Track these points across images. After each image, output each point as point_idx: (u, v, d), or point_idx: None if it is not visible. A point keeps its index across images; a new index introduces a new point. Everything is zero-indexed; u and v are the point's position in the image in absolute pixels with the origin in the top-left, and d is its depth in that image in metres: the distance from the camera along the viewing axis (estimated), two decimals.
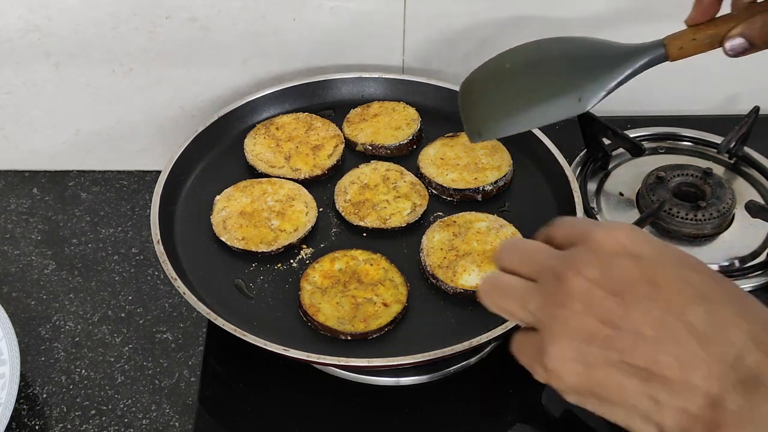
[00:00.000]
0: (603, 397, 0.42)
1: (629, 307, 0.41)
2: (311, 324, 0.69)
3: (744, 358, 0.39)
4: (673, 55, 0.65)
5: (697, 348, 0.40)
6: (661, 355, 0.40)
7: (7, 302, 0.80)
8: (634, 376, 0.41)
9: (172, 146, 0.83)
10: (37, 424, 0.70)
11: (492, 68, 0.72)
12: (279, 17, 0.88)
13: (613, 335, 0.41)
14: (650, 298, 0.41)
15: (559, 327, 0.42)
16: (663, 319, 0.40)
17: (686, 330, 0.40)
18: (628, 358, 0.40)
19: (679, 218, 0.83)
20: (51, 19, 0.84)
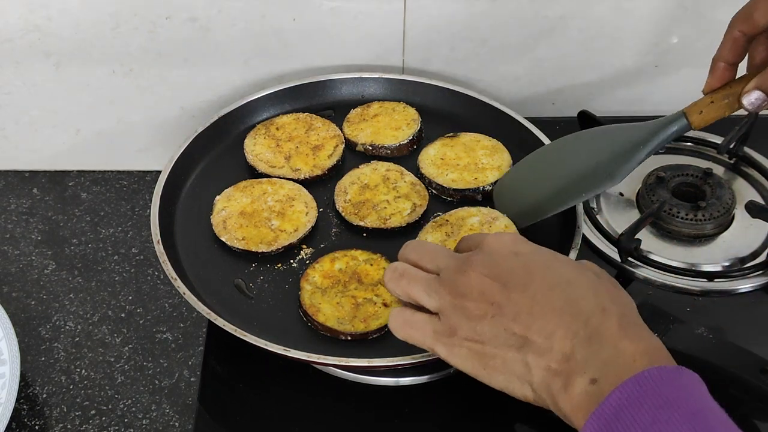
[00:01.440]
0: (490, 367, 0.53)
1: (510, 291, 0.53)
2: (311, 324, 0.69)
3: (590, 320, 0.50)
4: (695, 122, 0.68)
5: (557, 318, 0.51)
6: (533, 325, 0.51)
7: (7, 302, 0.80)
8: (513, 347, 0.52)
9: (172, 146, 0.83)
10: (37, 424, 0.70)
11: (523, 168, 0.79)
12: (279, 17, 0.88)
13: (498, 312, 0.52)
14: (525, 283, 0.53)
15: (462, 312, 0.54)
16: (534, 298, 0.52)
17: (550, 306, 0.52)
18: (510, 328, 0.52)
19: (679, 218, 0.83)
20: (51, 19, 0.84)
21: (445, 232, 0.75)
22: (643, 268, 0.80)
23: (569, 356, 0.50)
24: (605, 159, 0.70)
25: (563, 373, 0.50)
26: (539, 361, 0.51)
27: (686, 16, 0.92)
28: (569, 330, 0.50)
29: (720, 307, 0.78)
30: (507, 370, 0.52)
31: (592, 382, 0.48)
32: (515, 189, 0.78)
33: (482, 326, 0.53)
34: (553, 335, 0.51)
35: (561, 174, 0.73)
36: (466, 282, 0.54)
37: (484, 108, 0.89)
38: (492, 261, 0.55)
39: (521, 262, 0.55)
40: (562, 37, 0.93)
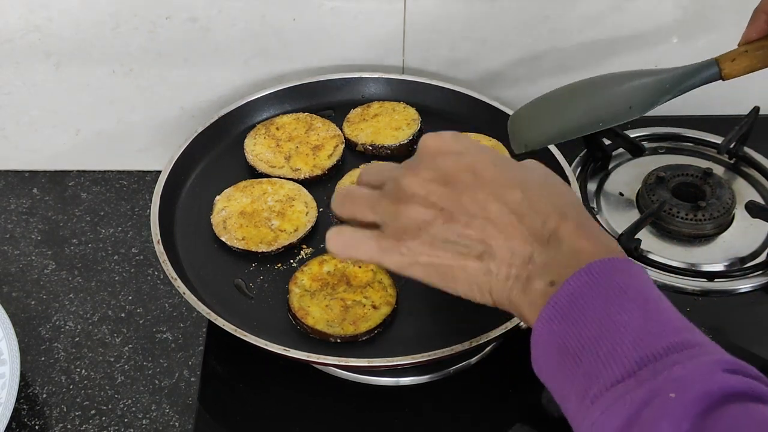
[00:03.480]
0: (448, 277, 0.51)
1: (459, 194, 0.50)
2: (300, 327, 0.69)
3: (547, 223, 0.49)
4: (726, 69, 0.66)
5: (515, 222, 0.49)
6: (488, 229, 0.49)
7: (7, 302, 0.80)
8: (472, 256, 0.50)
9: (172, 146, 0.83)
10: (37, 424, 0.70)
11: (543, 97, 0.77)
12: (279, 17, 0.88)
13: (449, 217, 0.50)
14: (474, 185, 0.50)
15: (407, 218, 0.51)
16: (487, 201, 0.50)
17: (507, 209, 0.50)
18: (465, 234, 0.50)
19: (679, 218, 0.83)
20: (51, 20, 0.84)
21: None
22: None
23: (528, 260, 0.49)
24: (629, 94, 0.68)
25: (522, 277, 0.49)
26: (501, 268, 0.49)
27: (686, 16, 0.92)
28: (528, 233, 0.49)
29: (720, 307, 0.78)
30: (468, 279, 0.51)
31: (550, 284, 0.48)
32: (533, 115, 0.76)
33: (432, 232, 0.50)
34: (511, 238, 0.49)
35: (582, 104, 0.72)
36: (408, 186, 0.52)
37: (484, 108, 0.89)
38: (434, 164, 0.52)
39: (466, 163, 0.52)
40: (562, 37, 0.93)
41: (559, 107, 0.74)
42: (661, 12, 0.92)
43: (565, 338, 0.45)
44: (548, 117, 0.74)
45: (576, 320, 0.45)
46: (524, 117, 0.77)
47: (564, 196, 0.52)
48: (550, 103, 0.76)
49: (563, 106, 0.74)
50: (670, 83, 0.66)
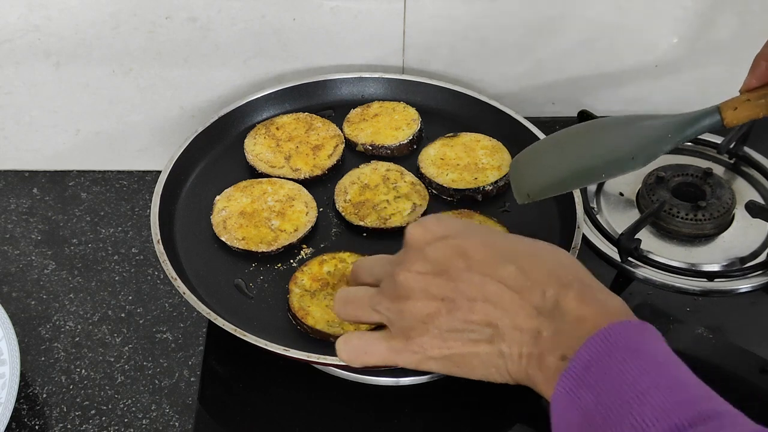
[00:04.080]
0: (464, 365, 0.52)
1: (456, 281, 0.50)
2: (301, 327, 0.69)
3: (547, 293, 0.49)
4: (728, 118, 0.64)
5: (515, 297, 0.49)
6: (491, 311, 0.49)
7: (7, 302, 0.80)
8: (483, 341, 0.50)
9: (172, 146, 0.83)
10: (37, 424, 0.70)
11: (544, 142, 0.77)
12: (279, 17, 0.88)
13: (451, 306, 0.50)
14: (467, 268, 0.50)
15: (411, 315, 0.51)
16: (483, 282, 0.50)
17: (503, 286, 0.49)
18: (470, 320, 0.50)
19: (679, 218, 0.83)
20: (51, 19, 0.84)
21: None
22: (643, 268, 0.80)
23: (537, 335, 0.49)
24: (631, 144, 0.67)
25: (535, 354, 0.49)
26: (513, 348, 0.49)
27: (686, 16, 0.92)
28: (531, 307, 0.49)
29: (720, 307, 0.78)
30: (484, 364, 0.51)
31: (561, 359, 0.47)
32: (534, 163, 0.75)
33: (439, 324, 0.51)
34: (516, 316, 0.49)
35: (584, 154, 0.71)
36: (404, 282, 0.52)
37: (484, 108, 0.89)
38: (423, 254, 0.53)
39: (453, 246, 0.52)
40: (562, 37, 0.93)
41: (560, 156, 0.73)
42: (661, 12, 0.92)
43: (585, 412, 0.44)
44: (549, 166, 0.73)
45: (592, 392, 0.44)
46: (525, 164, 0.76)
47: (557, 260, 0.52)
48: (551, 151, 0.75)
49: (564, 154, 0.73)
50: (672, 132, 0.65)
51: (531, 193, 0.72)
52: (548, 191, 0.72)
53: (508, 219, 0.78)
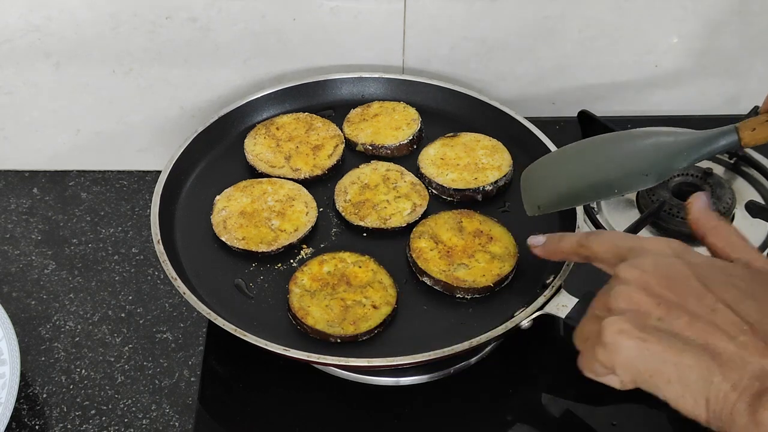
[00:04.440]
0: (657, 373, 0.47)
1: (683, 296, 0.47)
2: (300, 327, 0.69)
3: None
4: (745, 138, 0.63)
5: (748, 335, 0.45)
6: (716, 334, 0.45)
7: (7, 302, 0.80)
8: (690, 353, 0.45)
9: (172, 146, 0.83)
10: (37, 424, 0.70)
11: (556, 154, 0.76)
12: (279, 17, 0.88)
13: (668, 313, 0.47)
14: (702, 293, 0.47)
15: (614, 305, 0.49)
16: (716, 307, 0.46)
17: (739, 319, 0.45)
18: (683, 332, 0.46)
19: (679, 218, 0.83)
20: (51, 19, 0.84)
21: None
22: None
23: (761, 374, 0.43)
24: (646, 160, 0.66)
25: (752, 391, 0.43)
26: (727, 373, 0.44)
27: (686, 16, 0.92)
28: (764, 345, 0.44)
29: None
30: (681, 380, 0.46)
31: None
32: (546, 175, 0.74)
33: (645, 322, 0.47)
34: (744, 348, 0.44)
35: (597, 168, 0.69)
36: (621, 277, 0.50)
37: (484, 108, 0.89)
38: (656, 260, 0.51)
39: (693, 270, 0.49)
40: (562, 37, 0.93)
41: (572, 169, 0.71)
42: (661, 12, 0.92)
43: None
44: (561, 179, 0.72)
45: None
46: (537, 176, 0.75)
47: None
48: (563, 163, 0.74)
49: (577, 168, 0.71)
50: (688, 150, 0.64)
51: (542, 206, 0.72)
52: (559, 204, 0.71)
53: (508, 219, 0.78)
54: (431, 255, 0.73)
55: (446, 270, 0.72)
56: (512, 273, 0.73)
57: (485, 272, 0.72)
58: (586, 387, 0.55)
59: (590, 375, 0.53)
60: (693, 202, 0.59)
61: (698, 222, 0.58)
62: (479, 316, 0.70)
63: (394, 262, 0.74)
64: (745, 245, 0.55)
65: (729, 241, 0.56)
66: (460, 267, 0.73)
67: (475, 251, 0.74)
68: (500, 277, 0.72)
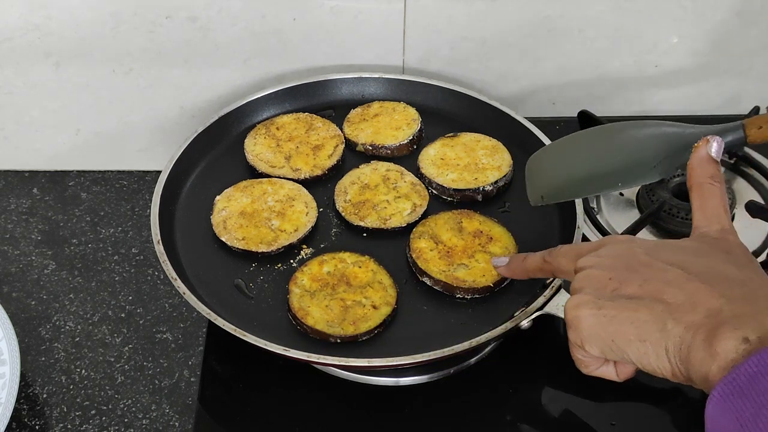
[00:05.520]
0: (618, 336, 0.49)
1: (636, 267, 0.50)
2: (300, 327, 0.69)
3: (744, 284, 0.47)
4: (751, 135, 0.63)
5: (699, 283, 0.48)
6: (668, 289, 0.48)
7: (7, 302, 0.80)
8: (644, 308, 0.48)
9: (172, 146, 0.83)
10: (37, 424, 0.70)
11: (563, 144, 0.74)
12: (279, 17, 0.88)
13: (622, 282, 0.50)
14: (653, 261, 0.50)
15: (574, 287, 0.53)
16: (666, 268, 0.49)
17: (689, 273, 0.48)
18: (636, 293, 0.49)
19: (679, 218, 0.83)
20: (51, 19, 0.84)
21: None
22: None
23: (716, 312, 0.45)
24: (651, 154, 0.65)
25: (706, 327, 0.44)
26: (679, 317, 0.46)
27: (686, 16, 0.92)
28: (714, 290, 0.46)
29: None
30: (638, 334, 0.48)
31: (743, 341, 0.42)
32: (552, 164, 0.73)
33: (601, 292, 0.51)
34: (695, 294, 0.47)
35: (602, 158, 0.69)
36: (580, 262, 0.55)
37: (484, 108, 0.89)
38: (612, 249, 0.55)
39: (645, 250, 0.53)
40: (562, 37, 0.93)
41: (577, 158, 0.71)
42: (661, 12, 0.92)
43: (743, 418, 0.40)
44: (566, 167, 0.71)
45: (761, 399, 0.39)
46: (542, 164, 0.74)
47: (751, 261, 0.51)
48: (569, 152, 0.73)
49: (582, 157, 0.70)
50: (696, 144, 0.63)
51: (545, 196, 0.71)
52: (563, 194, 0.70)
53: (508, 219, 0.78)
54: (431, 255, 0.73)
55: (446, 270, 0.72)
56: None
57: (485, 272, 0.72)
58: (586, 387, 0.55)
59: (582, 368, 0.56)
60: (699, 147, 0.59)
61: (692, 171, 0.59)
62: (479, 316, 0.70)
63: (394, 262, 0.74)
64: (720, 214, 0.56)
65: (707, 205, 0.56)
66: (460, 267, 0.73)
67: (475, 251, 0.74)
68: (500, 277, 0.72)
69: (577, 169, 0.70)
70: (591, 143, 0.71)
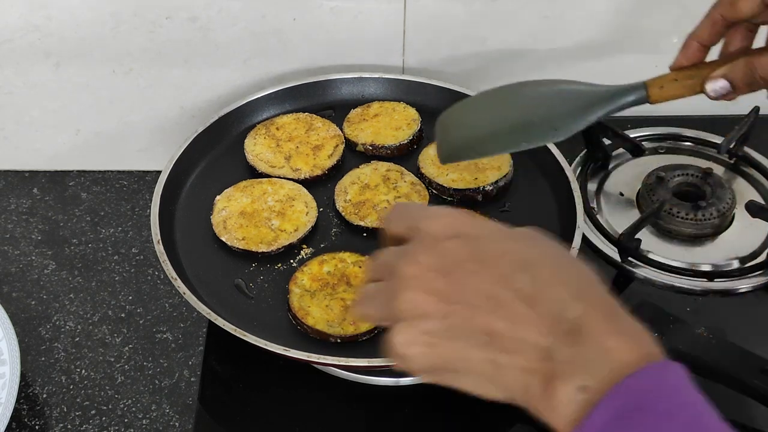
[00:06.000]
0: (451, 370, 0.46)
1: (461, 284, 0.45)
2: (300, 327, 0.69)
3: (566, 311, 0.43)
4: (653, 95, 0.64)
5: (526, 309, 0.43)
6: (496, 320, 0.44)
7: (7, 302, 0.80)
8: (475, 346, 0.44)
9: (172, 146, 0.83)
10: (38, 424, 0.70)
11: (471, 102, 0.73)
12: (279, 17, 0.88)
13: (450, 310, 0.45)
14: (478, 272, 0.45)
15: (400, 314, 0.46)
16: (493, 289, 0.44)
17: (515, 295, 0.44)
18: (466, 327, 0.44)
19: (679, 218, 0.83)
20: (51, 19, 0.84)
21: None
22: (643, 268, 0.80)
23: (547, 355, 0.43)
24: (554, 113, 0.65)
25: (541, 373, 0.43)
26: (511, 359, 0.44)
27: (686, 15, 0.92)
28: (542, 322, 0.43)
29: (720, 307, 0.78)
30: (473, 371, 0.45)
31: (581, 390, 0.41)
32: (458, 123, 0.71)
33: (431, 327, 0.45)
34: (526, 329, 0.43)
35: (508, 117, 0.67)
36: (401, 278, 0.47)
37: None
38: (432, 249, 0.47)
39: (468, 247, 0.47)
40: (561, 37, 0.93)
41: (484, 117, 0.69)
42: (662, 12, 0.92)
43: None
44: (472, 128, 0.69)
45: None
46: (449, 123, 0.71)
47: (583, 276, 0.46)
48: (475, 111, 0.71)
49: (488, 116, 0.69)
50: (597, 103, 0.64)
51: (453, 154, 0.69)
52: (471, 153, 0.69)
53: (508, 219, 0.78)
54: None
55: None
56: None
57: None
58: None
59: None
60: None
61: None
62: None
63: None
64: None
65: None
66: None
67: None
68: None
69: (483, 126, 0.68)
70: (496, 101, 0.70)
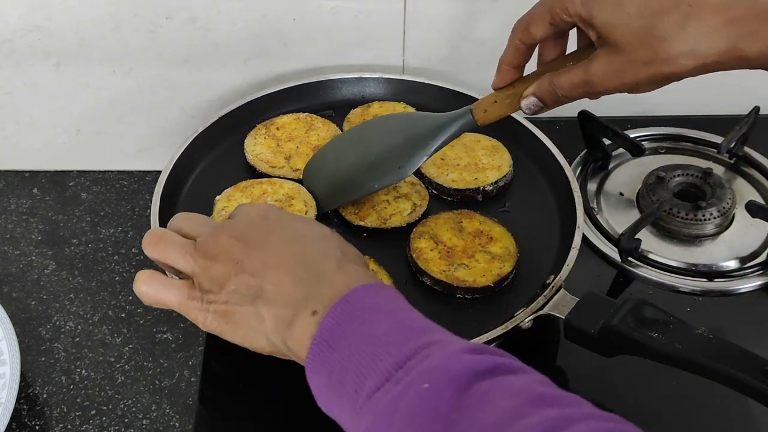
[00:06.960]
0: (231, 322, 0.54)
1: (251, 249, 0.55)
2: None
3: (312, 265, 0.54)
4: (479, 119, 0.70)
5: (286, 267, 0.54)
6: (266, 275, 0.54)
7: (7, 302, 0.80)
8: (248, 301, 0.53)
9: (172, 146, 0.83)
10: (38, 424, 0.70)
11: (330, 148, 0.81)
12: (279, 17, 0.88)
13: (240, 270, 0.54)
14: (264, 241, 0.56)
15: (212, 274, 0.55)
16: (270, 252, 0.55)
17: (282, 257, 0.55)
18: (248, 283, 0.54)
19: (679, 218, 0.83)
20: (51, 19, 0.84)
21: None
22: (643, 268, 0.80)
23: (294, 299, 0.52)
24: (398, 152, 0.73)
25: (289, 315, 0.52)
26: (269, 309, 0.53)
27: None
28: (295, 276, 0.53)
29: (720, 307, 0.78)
30: (245, 323, 0.54)
31: (312, 313, 0.51)
32: (320, 174, 0.80)
33: (228, 286, 0.54)
34: (281, 283, 0.53)
35: (360, 163, 0.76)
36: (214, 245, 0.56)
37: None
38: (239, 224, 0.58)
39: (264, 224, 0.58)
40: None
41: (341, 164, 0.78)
42: None
43: (331, 366, 0.48)
44: (332, 176, 0.78)
45: (339, 346, 0.48)
46: (314, 173, 0.81)
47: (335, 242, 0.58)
48: (334, 158, 0.79)
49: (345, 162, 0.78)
50: (432, 136, 0.71)
51: (324, 204, 0.78)
52: (336, 201, 0.78)
53: (508, 219, 0.78)
54: (431, 255, 0.73)
55: (446, 270, 0.72)
56: (512, 273, 0.73)
57: (485, 272, 0.72)
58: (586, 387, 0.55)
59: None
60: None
61: None
62: (479, 316, 0.70)
63: (394, 262, 0.74)
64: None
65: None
66: (460, 267, 0.73)
67: (475, 251, 0.74)
68: (500, 277, 0.72)
69: (341, 174, 0.77)
70: (350, 145, 0.79)
